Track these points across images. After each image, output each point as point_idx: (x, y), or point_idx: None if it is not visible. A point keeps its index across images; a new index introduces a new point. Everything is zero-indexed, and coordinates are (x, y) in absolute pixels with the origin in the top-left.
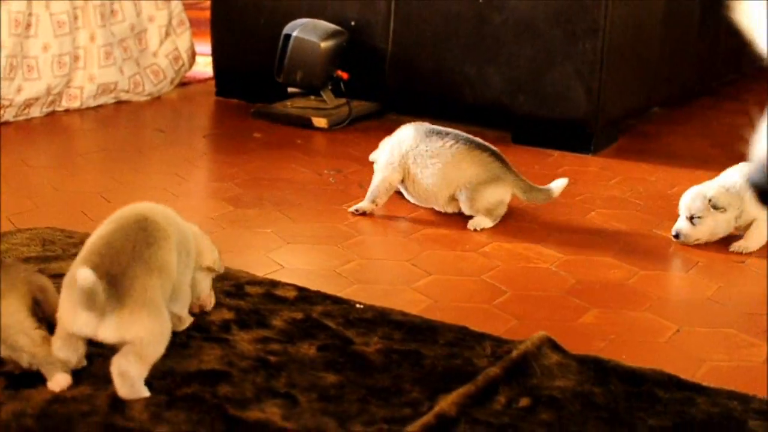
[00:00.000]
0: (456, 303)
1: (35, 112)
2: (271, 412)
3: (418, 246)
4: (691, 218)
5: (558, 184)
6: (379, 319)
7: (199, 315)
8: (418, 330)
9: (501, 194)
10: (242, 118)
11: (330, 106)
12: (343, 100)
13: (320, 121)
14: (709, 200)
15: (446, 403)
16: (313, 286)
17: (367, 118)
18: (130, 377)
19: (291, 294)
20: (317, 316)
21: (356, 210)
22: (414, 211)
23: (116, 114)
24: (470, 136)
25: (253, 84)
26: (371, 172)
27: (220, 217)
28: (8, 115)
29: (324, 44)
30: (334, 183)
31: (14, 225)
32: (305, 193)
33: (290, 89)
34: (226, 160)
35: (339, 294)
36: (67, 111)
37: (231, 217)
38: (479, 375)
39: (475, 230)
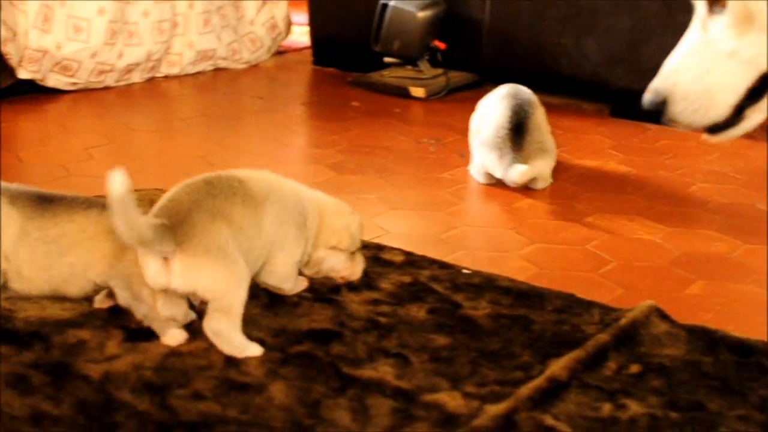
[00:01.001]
0: (561, 271)
1: (136, 77)
2: (384, 371)
3: (521, 215)
4: None
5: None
6: (487, 285)
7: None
8: (525, 296)
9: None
10: (339, 87)
11: (427, 76)
12: (440, 71)
13: (418, 91)
14: None
15: (557, 367)
16: (418, 251)
17: (464, 89)
18: (223, 333)
19: (398, 258)
20: (425, 280)
21: None
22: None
23: (215, 81)
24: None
25: (350, 53)
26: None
27: (323, 183)
28: (110, 80)
29: (421, 14)
30: (434, 152)
31: None
32: (406, 161)
33: (387, 59)
34: (326, 127)
35: (444, 259)
36: (166, 77)
37: (334, 183)
38: (589, 341)
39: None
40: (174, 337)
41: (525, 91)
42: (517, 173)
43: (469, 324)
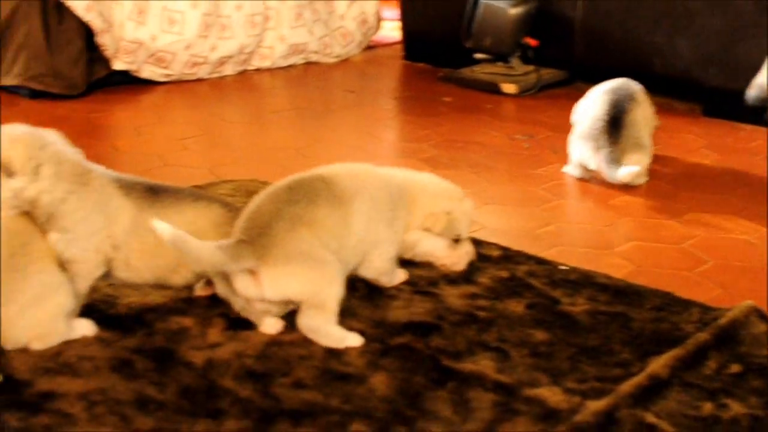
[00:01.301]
0: (658, 269)
1: (228, 70)
2: (485, 364)
3: (616, 212)
4: None
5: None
6: (584, 281)
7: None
8: (623, 293)
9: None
10: (430, 82)
11: (518, 73)
12: (531, 67)
13: (509, 87)
14: None
15: (658, 365)
16: (514, 246)
17: (555, 86)
18: (319, 329)
19: (495, 253)
20: (522, 276)
21: None
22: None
23: (305, 74)
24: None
25: (440, 49)
26: (563, 138)
27: None
28: (203, 72)
29: (513, 11)
30: (527, 148)
31: (216, 176)
32: (499, 157)
33: (477, 55)
34: (418, 122)
35: (541, 255)
36: (258, 70)
37: None
38: (689, 340)
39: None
40: (271, 325)
41: (630, 87)
42: (623, 174)
43: (568, 320)
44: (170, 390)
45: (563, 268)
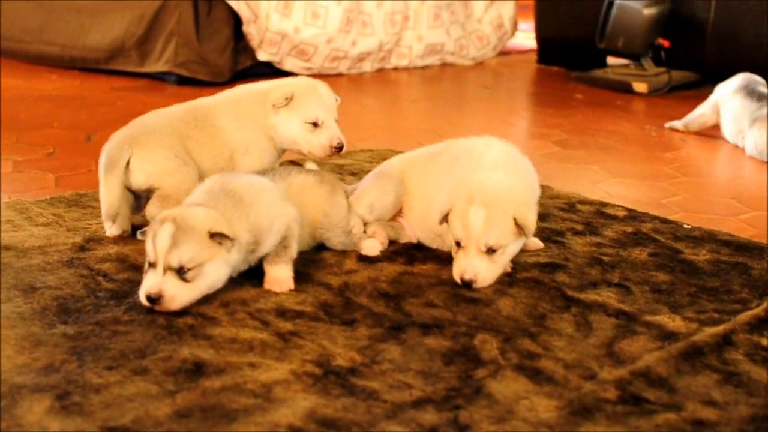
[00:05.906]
0: None
1: (367, 66)
2: (607, 296)
3: (743, 187)
4: None
5: None
6: (707, 237)
7: None
8: (745, 248)
9: None
10: (563, 82)
11: (650, 73)
12: (662, 69)
13: (640, 86)
14: None
15: None
16: (640, 210)
17: (685, 88)
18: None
19: (620, 213)
20: (647, 231)
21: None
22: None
23: (441, 73)
24: None
25: (573, 52)
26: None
27: (548, 155)
28: (342, 67)
29: (647, 11)
30: (655, 136)
31: (356, 146)
32: (628, 142)
33: (609, 58)
34: (550, 112)
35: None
36: (395, 68)
37: (558, 156)
38: None
39: None
40: (371, 247)
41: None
42: None
43: (689, 266)
44: (308, 303)
45: (687, 226)
